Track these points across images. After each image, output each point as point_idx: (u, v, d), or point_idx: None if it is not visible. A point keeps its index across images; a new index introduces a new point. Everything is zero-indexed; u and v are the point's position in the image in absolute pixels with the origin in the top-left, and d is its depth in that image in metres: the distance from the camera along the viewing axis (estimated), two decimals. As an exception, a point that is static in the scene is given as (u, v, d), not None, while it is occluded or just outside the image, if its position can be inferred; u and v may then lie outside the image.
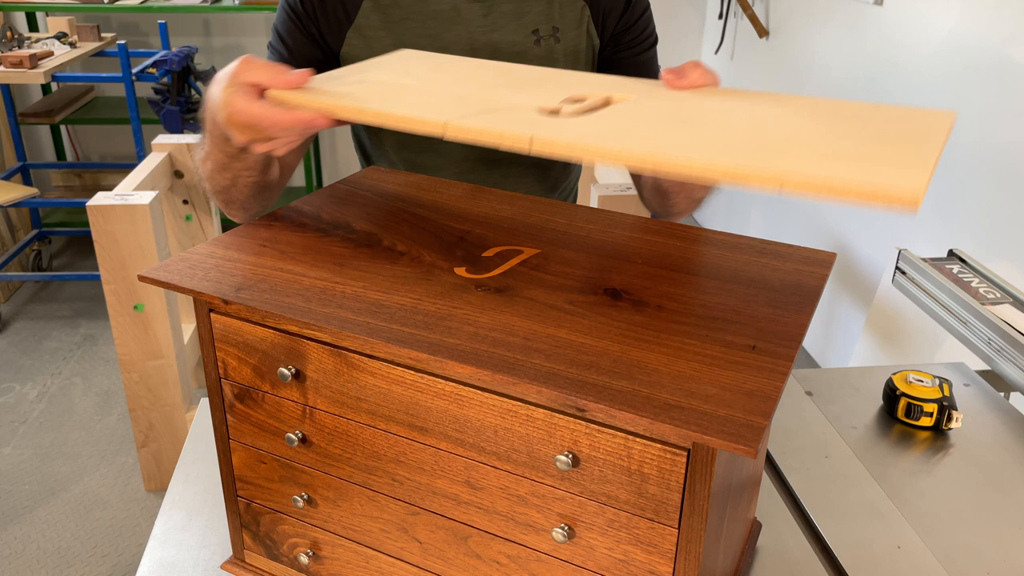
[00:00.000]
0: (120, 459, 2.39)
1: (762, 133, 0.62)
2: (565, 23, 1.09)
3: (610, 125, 0.66)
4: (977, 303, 1.23)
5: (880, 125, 0.65)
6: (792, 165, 0.54)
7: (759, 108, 0.69)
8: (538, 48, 1.08)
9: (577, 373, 0.54)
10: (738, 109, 0.69)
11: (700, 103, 0.71)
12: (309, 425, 0.67)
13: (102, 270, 1.98)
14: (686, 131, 0.64)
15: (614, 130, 0.65)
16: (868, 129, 0.63)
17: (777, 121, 0.66)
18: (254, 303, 0.62)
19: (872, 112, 0.68)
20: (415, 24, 1.05)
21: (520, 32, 1.07)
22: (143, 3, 3.32)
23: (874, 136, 0.61)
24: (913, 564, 0.81)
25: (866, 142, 0.60)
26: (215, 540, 0.84)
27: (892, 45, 2.41)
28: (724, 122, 0.66)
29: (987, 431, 1.01)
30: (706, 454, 0.51)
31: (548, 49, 1.08)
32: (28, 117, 3.38)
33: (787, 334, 0.60)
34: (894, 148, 0.58)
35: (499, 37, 1.07)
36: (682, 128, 0.64)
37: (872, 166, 0.54)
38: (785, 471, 0.93)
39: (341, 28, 1.06)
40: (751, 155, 0.57)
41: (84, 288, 3.37)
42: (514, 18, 1.07)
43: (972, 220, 2.08)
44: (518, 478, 0.59)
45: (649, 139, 0.62)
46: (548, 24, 1.08)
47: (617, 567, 0.58)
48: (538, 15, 1.08)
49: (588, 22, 1.11)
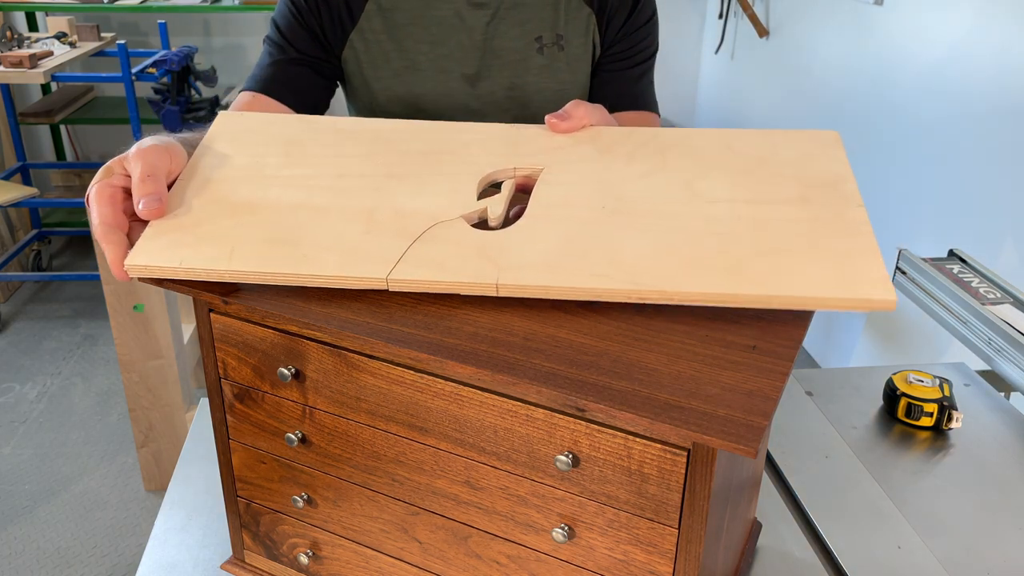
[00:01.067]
0: (120, 459, 2.39)
1: (720, 247, 0.62)
2: (570, 31, 1.08)
3: (559, 244, 0.62)
4: (977, 303, 1.23)
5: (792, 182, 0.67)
6: (778, 290, 0.58)
7: (677, 188, 0.68)
8: (540, 56, 1.07)
9: (577, 373, 0.54)
10: (661, 189, 0.67)
11: (620, 181, 0.69)
12: (309, 425, 0.67)
13: (102, 270, 1.98)
14: (646, 242, 0.62)
15: (569, 253, 0.61)
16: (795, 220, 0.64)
17: (719, 224, 0.64)
18: (254, 303, 0.62)
19: (770, 158, 0.70)
20: (417, 30, 1.05)
21: (523, 39, 1.07)
22: (143, 3, 3.32)
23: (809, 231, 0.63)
24: (913, 564, 0.81)
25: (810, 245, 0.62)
26: (215, 540, 0.84)
27: (892, 45, 2.41)
28: (673, 227, 0.64)
29: (987, 431, 1.01)
30: (706, 454, 0.51)
31: (551, 57, 1.08)
32: (28, 117, 3.38)
33: (787, 334, 0.60)
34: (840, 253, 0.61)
35: (501, 44, 1.06)
36: (640, 237, 0.62)
37: (841, 282, 0.59)
38: (785, 471, 0.93)
39: (344, 29, 1.05)
40: (729, 280, 0.59)
41: (84, 288, 3.37)
42: (517, 24, 1.06)
43: (972, 220, 2.08)
44: (518, 478, 0.59)
45: (614, 264, 0.60)
46: (552, 32, 1.08)
47: (617, 567, 0.58)
48: (542, 22, 1.07)
49: (594, 31, 1.10)
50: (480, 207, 0.66)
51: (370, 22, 1.05)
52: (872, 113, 2.51)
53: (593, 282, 0.59)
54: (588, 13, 1.08)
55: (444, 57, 1.06)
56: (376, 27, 1.05)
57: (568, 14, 1.08)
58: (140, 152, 0.66)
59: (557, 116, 0.75)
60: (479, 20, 1.05)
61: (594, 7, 1.08)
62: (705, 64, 3.98)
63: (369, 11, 1.05)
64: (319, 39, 1.06)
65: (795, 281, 0.58)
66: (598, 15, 1.09)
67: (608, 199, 0.67)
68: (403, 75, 1.06)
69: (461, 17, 1.05)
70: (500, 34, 1.06)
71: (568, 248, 0.62)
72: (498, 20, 1.06)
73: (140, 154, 0.66)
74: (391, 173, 0.70)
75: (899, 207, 2.39)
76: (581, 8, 1.08)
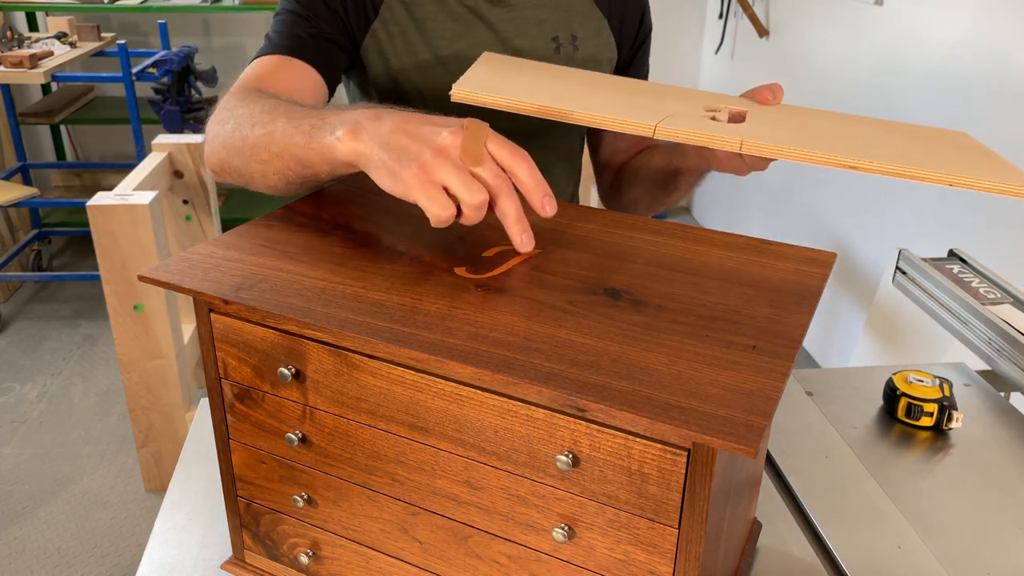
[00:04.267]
0: (120, 459, 2.39)
1: (893, 143, 0.78)
2: (584, 32, 1.09)
3: (782, 132, 0.77)
4: (977, 303, 1.23)
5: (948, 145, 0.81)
6: (950, 169, 0.70)
7: (848, 124, 0.84)
8: (558, 56, 1.08)
9: (577, 373, 0.54)
10: (838, 124, 0.84)
11: (808, 119, 0.85)
12: (309, 425, 0.67)
13: (102, 270, 1.98)
14: (847, 141, 0.76)
15: (795, 136, 0.75)
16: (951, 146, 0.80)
17: (879, 135, 0.81)
18: (254, 303, 0.62)
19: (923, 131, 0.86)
20: (435, 24, 1.04)
21: (541, 38, 1.07)
22: (143, 3, 3.32)
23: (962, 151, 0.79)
24: (913, 564, 0.81)
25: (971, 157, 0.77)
26: (215, 540, 0.84)
27: (892, 45, 2.41)
28: (855, 133, 0.81)
29: (987, 431, 1.01)
30: (706, 454, 0.51)
31: (567, 57, 1.08)
32: (28, 117, 3.38)
33: (787, 334, 0.60)
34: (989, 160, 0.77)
35: (521, 43, 1.06)
36: (841, 139, 0.77)
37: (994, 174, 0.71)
38: (785, 471, 0.93)
39: (367, 19, 1.04)
40: (909, 160, 0.71)
41: (84, 288, 3.37)
42: (535, 24, 1.07)
43: (972, 220, 2.08)
44: (518, 478, 0.59)
45: (834, 145, 0.73)
46: (567, 32, 1.08)
47: (617, 567, 0.58)
48: (557, 22, 1.08)
49: (607, 34, 1.11)
50: (709, 112, 0.81)
51: (392, 13, 1.04)
52: (872, 113, 2.51)
53: (822, 152, 0.70)
54: (599, 17, 1.10)
55: (466, 51, 1.05)
56: (400, 19, 1.04)
57: (580, 16, 1.09)
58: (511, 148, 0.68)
59: (770, 90, 0.87)
60: (498, 18, 1.05)
61: (604, 11, 1.10)
62: (705, 64, 3.98)
63: (390, 2, 1.04)
64: (342, 21, 1.03)
65: (970, 171, 0.69)
66: (609, 21, 1.11)
67: (807, 127, 0.81)
68: (428, 68, 1.05)
69: (480, 14, 1.05)
70: (520, 33, 1.06)
71: (790, 136, 0.76)
72: (518, 19, 1.06)
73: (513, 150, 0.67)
74: (633, 94, 0.86)
75: (899, 207, 2.39)
76: (592, 11, 1.10)
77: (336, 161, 0.72)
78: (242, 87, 0.92)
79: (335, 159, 0.72)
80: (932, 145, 0.79)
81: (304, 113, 0.77)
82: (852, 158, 0.69)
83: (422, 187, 0.64)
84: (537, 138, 1.12)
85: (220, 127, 0.86)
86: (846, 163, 0.69)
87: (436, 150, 0.65)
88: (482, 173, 0.65)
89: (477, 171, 0.65)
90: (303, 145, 0.74)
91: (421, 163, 0.65)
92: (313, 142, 0.73)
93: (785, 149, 0.71)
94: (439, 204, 0.64)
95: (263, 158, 0.79)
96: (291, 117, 0.77)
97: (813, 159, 0.70)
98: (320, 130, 0.73)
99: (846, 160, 0.69)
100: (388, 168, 0.66)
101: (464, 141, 0.65)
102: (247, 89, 0.90)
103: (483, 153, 0.65)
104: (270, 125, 0.79)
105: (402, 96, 1.07)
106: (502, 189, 0.66)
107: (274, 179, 0.80)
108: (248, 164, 0.82)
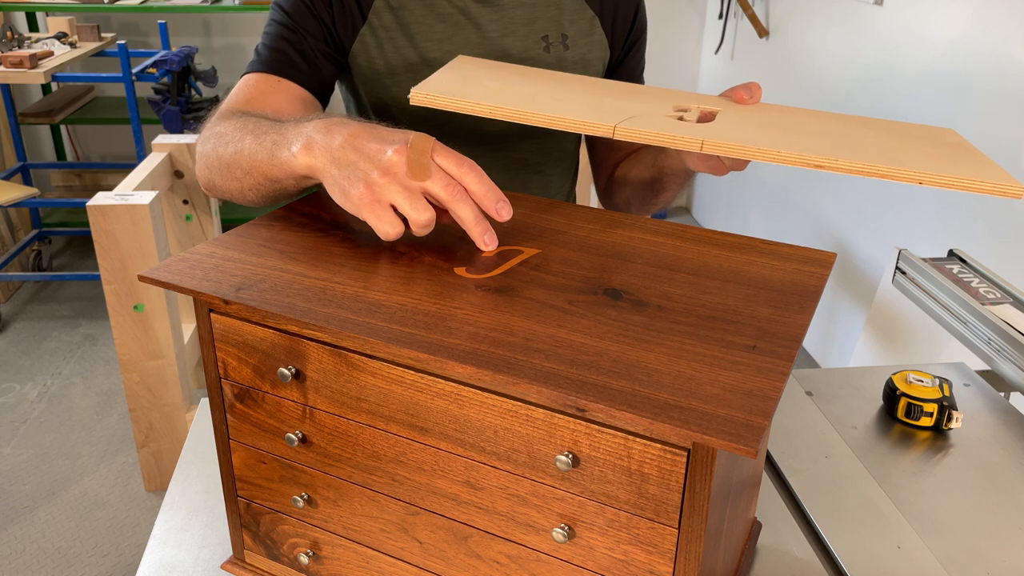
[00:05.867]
0: (120, 459, 2.39)
1: (869, 142, 0.77)
2: (575, 31, 1.09)
3: (750, 131, 0.76)
4: (977, 303, 1.23)
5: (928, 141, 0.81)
6: (923, 167, 0.70)
7: (824, 123, 0.83)
8: (547, 55, 1.08)
9: (577, 373, 0.54)
10: (814, 123, 0.83)
11: (783, 117, 0.84)
12: (309, 425, 0.67)
13: (102, 270, 1.98)
14: (816, 141, 0.75)
15: (762, 136, 0.75)
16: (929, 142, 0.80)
17: (856, 133, 0.80)
18: (254, 303, 0.62)
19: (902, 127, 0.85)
20: (425, 27, 1.04)
21: (530, 38, 1.07)
22: (143, 3, 3.32)
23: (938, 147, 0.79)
24: (913, 564, 0.81)
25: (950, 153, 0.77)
26: (215, 540, 0.84)
27: (892, 45, 2.41)
28: (830, 131, 0.80)
29: (987, 431, 1.01)
30: (706, 454, 0.51)
31: (557, 56, 1.08)
32: (28, 117, 3.38)
33: (787, 334, 0.60)
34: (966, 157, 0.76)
35: (510, 43, 1.06)
36: (813, 138, 0.76)
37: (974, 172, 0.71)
38: (785, 471, 0.93)
39: (355, 25, 1.04)
40: (881, 159, 0.71)
41: (84, 288, 3.37)
42: (524, 23, 1.07)
43: (972, 220, 2.08)
44: (518, 478, 0.59)
45: (803, 144, 0.73)
46: (557, 31, 1.08)
47: (617, 567, 0.58)
48: (547, 21, 1.07)
49: (599, 33, 1.11)
50: (679, 113, 0.81)
51: (380, 18, 1.04)
52: (872, 113, 2.51)
53: (788, 151, 0.70)
54: (591, 16, 1.09)
55: (453, 53, 1.05)
56: (387, 23, 1.04)
57: (572, 15, 1.08)
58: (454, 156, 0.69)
59: (746, 89, 0.87)
60: (486, 18, 1.05)
61: (596, 9, 1.09)
62: (705, 64, 3.98)
63: (378, 7, 1.04)
64: (330, 31, 1.03)
65: (943, 169, 0.69)
66: (602, 20, 1.10)
67: (779, 125, 0.81)
68: (416, 70, 1.05)
69: (468, 15, 1.05)
70: (508, 33, 1.06)
71: (758, 135, 0.76)
72: (506, 19, 1.06)
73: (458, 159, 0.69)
74: (602, 95, 0.86)
75: (899, 207, 2.39)
76: (584, 9, 1.09)
77: (297, 175, 0.75)
78: (227, 109, 0.94)
79: (295, 173, 0.75)
80: (909, 142, 0.79)
81: (267, 128, 0.80)
82: (820, 157, 0.69)
83: (370, 207, 0.68)
84: (532, 139, 1.12)
85: (203, 147, 0.90)
86: (813, 162, 0.69)
87: (383, 169, 0.68)
88: (431, 186, 0.68)
89: (426, 184, 0.68)
90: (267, 161, 0.78)
91: (368, 183, 0.68)
92: (275, 158, 0.76)
93: (751, 148, 0.71)
94: (387, 223, 0.68)
95: (237, 176, 0.83)
96: (256, 134, 0.80)
97: (779, 158, 0.70)
98: (280, 146, 0.76)
99: (813, 159, 0.69)
100: (340, 186, 0.70)
101: (409, 157, 0.68)
102: (231, 110, 0.92)
103: (429, 166, 0.68)
104: (240, 143, 0.82)
105: (392, 99, 1.07)
106: (454, 197, 0.68)
107: (250, 195, 0.84)
108: (227, 182, 0.86)
